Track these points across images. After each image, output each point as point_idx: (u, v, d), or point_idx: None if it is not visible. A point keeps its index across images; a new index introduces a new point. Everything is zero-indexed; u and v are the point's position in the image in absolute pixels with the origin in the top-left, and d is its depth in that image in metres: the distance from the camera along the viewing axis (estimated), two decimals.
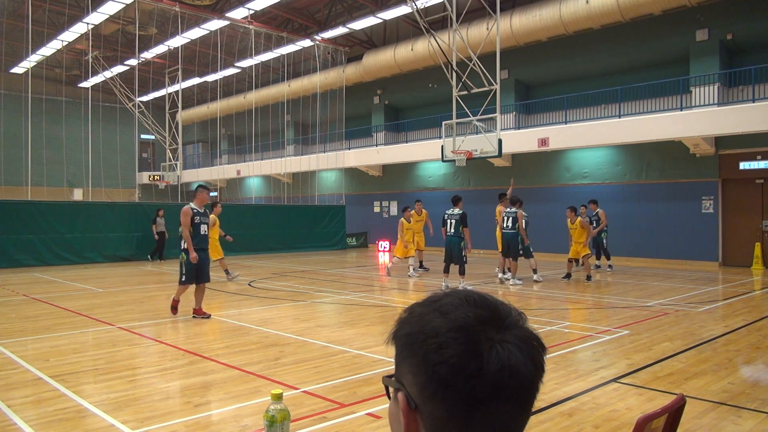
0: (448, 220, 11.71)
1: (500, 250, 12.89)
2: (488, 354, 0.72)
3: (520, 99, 21.52)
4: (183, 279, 8.38)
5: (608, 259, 15.31)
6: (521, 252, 12.46)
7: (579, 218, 13.14)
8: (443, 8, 16.61)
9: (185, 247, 8.24)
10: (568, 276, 13.18)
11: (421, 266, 15.33)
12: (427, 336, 0.76)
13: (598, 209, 15.09)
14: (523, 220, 12.43)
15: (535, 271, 12.94)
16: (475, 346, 0.73)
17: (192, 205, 8.46)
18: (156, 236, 18.78)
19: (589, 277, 12.84)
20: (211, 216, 11.50)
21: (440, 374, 0.73)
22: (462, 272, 11.57)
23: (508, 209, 12.55)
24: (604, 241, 15.24)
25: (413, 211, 14.84)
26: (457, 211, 11.69)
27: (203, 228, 8.45)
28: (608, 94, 18.58)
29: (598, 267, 15.53)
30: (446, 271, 11.96)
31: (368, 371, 5.56)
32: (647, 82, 17.57)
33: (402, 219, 14.31)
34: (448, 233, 11.68)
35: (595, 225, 14.64)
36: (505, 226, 12.50)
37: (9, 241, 16.43)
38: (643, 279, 13.28)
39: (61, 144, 27.53)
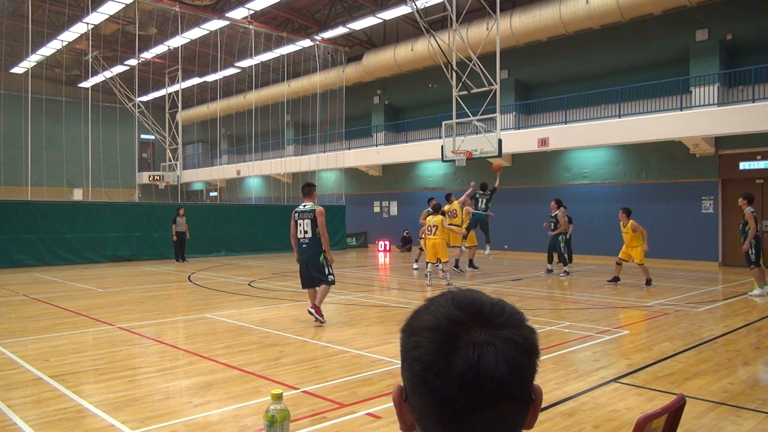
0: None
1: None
2: (456, 354, 0.74)
3: (520, 99, 21.52)
4: (332, 279, 8.02)
5: (565, 264, 14.07)
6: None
7: (631, 221, 12.13)
8: (443, 8, 16.61)
9: (323, 248, 7.94)
10: (615, 280, 12.28)
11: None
12: (411, 333, 0.80)
13: (557, 211, 14.03)
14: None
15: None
16: (444, 346, 0.75)
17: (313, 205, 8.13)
18: (175, 237, 18.36)
19: (648, 281, 11.96)
20: None
21: (416, 370, 0.77)
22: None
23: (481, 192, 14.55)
24: (561, 245, 13.99)
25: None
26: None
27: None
28: (608, 94, 18.58)
29: (550, 272, 14.38)
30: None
31: (368, 371, 5.56)
32: (647, 82, 17.56)
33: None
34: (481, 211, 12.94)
35: (552, 227, 13.98)
36: (479, 207, 14.39)
37: (9, 241, 16.43)
38: (643, 279, 13.28)
39: (61, 144, 27.53)
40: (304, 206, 7.98)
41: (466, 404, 0.74)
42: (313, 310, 7.83)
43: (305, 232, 7.81)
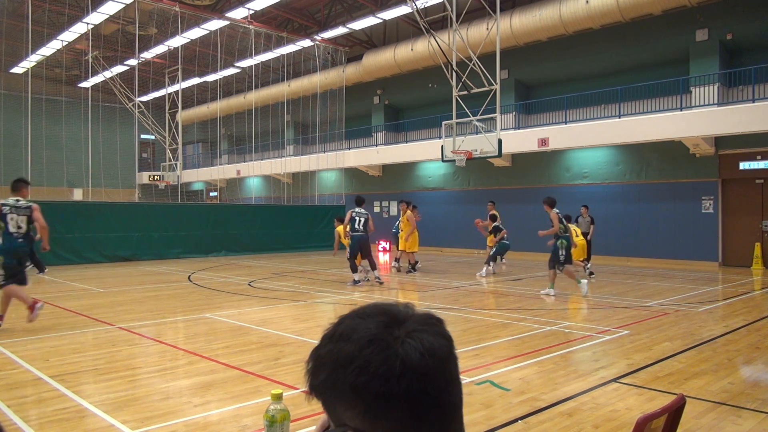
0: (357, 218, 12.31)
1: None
2: (403, 348, 0.76)
3: (520, 99, 21.52)
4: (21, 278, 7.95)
5: (491, 265, 14.34)
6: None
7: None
8: (443, 8, 16.62)
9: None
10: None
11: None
12: (344, 367, 0.76)
13: (489, 214, 14.77)
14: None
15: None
16: (390, 349, 0.76)
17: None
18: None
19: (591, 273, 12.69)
20: None
21: (375, 390, 0.74)
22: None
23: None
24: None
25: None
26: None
27: None
28: (608, 94, 18.59)
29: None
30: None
31: None
32: (647, 82, 17.57)
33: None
34: (357, 230, 12.21)
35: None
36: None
37: None
38: (643, 279, 13.28)
39: (61, 144, 27.55)
40: (17, 201, 7.74)
41: (437, 388, 0.77)
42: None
43: (19, 227, 7.66)
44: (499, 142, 15.09)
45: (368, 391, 0.74)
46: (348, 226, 12.30)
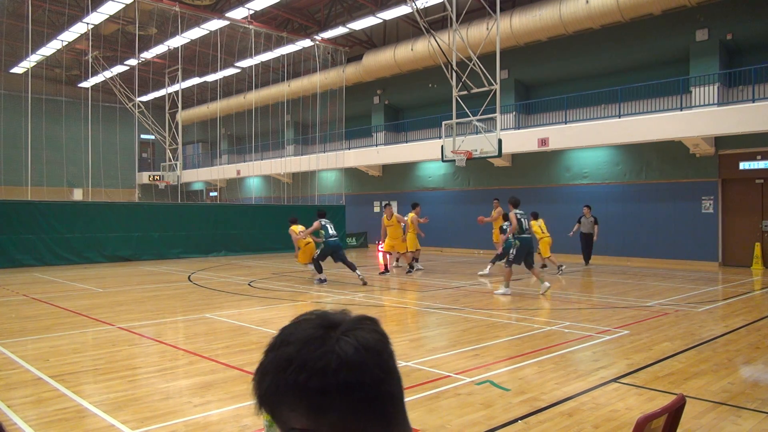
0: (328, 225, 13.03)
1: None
2: (338, 344, 0.79)
3: (520, 99, 21.52)
4: None
5: (494, 263, 14.61)
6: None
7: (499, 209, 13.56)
8: (443, 8, 16.61)
9: None
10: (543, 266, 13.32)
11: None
12: (284, 369, 0.79)
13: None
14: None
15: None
16: (326, 346, 0.79)
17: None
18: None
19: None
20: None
21: (314, 387, 0.77)
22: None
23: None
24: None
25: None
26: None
27: None
28: (608, 94, 18.59)
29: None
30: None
31: None
32: (647, 82, 17.57)
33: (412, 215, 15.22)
34: (333, 236, 12.87)
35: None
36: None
37: (9, 241, 16.43)
38: (643, 279, 13.28)
39: (61, 144, 27.55)
40: None
41: (374, 380, 0.79)
42: None
43: None
44: (499, 142, 15.09)
45: (308, 388, 0.77)
46: (322, 234, 12.96)
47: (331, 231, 12.93)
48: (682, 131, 15.77)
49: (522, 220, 10.68)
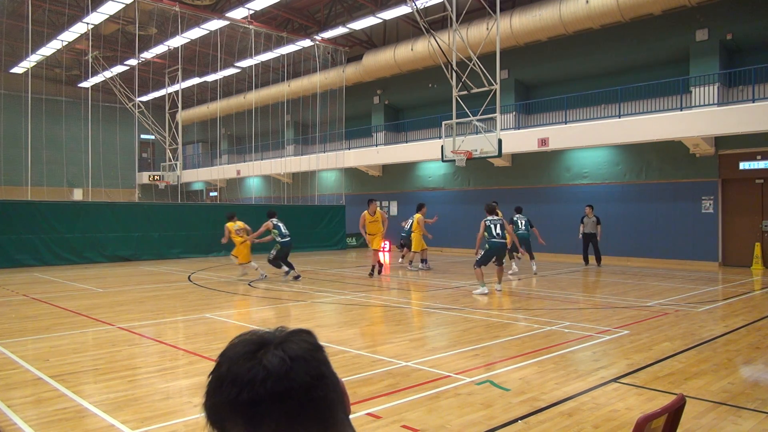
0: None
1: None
2: (266, 357, 0.83)
3: (520, 99, 21.52)
4: None
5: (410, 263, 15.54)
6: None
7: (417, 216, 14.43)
8: (443, 8, 16.61)
9: None
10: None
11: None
12: (220, 387, 0.85)
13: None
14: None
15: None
16: (255, 359, 0.83)
17: None
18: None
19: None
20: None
21: (246, 399, 0.81)
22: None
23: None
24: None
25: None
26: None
27: None
28: (608, 94, 18.59)
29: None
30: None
31: (368, 371, 5.56)
32: (647, 82, 17.57)
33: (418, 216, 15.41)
34: (287, 235, 13.31)
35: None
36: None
37: (9, 241, 16.42)
38: (643, 279, 13.28)
39: (61, 144, 27.54)
40: None
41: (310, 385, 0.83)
42: None
43: None
44: (499, 142, 15.09)
45: (241, 401, 0.81)
46: (276, 234, 13.30)
47: (284, 230, 13.34)
48: (682, 131, 15.77)
49: (491, 226, 11.07)
